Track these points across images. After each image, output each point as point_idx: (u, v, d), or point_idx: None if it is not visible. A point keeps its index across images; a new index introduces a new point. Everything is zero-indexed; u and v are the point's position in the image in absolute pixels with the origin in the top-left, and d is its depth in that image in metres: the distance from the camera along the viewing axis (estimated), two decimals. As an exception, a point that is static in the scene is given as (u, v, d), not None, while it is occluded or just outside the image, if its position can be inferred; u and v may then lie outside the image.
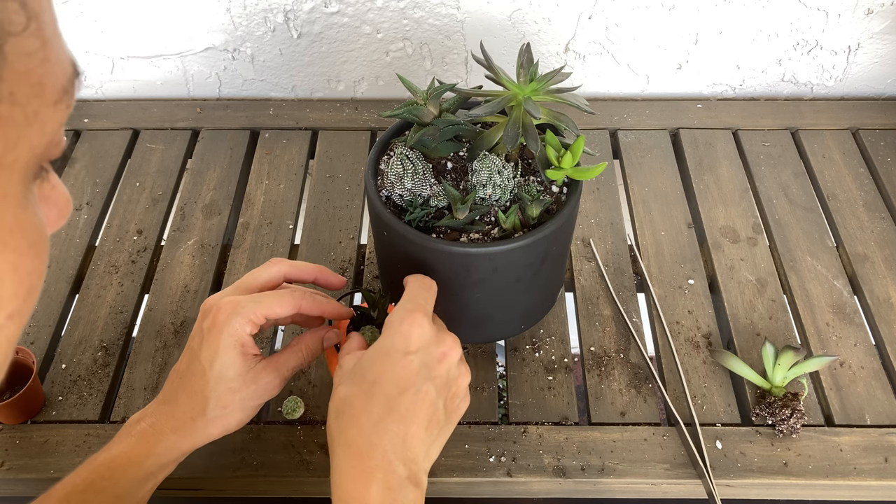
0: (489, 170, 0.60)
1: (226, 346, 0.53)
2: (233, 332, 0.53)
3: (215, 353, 0.53)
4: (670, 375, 0.70)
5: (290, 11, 0.90)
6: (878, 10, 0.89)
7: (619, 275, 0.78)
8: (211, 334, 0.53)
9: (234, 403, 0.53)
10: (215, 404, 0.53)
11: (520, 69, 0.59)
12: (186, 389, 0.53)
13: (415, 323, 0.49)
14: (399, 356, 0.48)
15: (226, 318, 0.53)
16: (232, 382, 0.53)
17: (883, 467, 0.63)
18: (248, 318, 0.53)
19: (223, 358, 0.53)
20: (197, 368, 0.53)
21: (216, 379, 0.53)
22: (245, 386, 0.53)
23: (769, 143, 0.91)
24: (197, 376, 0.53)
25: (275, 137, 0.94)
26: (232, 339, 0.53)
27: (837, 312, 0.74)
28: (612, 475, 0.63)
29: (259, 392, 0.54)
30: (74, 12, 0.91)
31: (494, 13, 0.90)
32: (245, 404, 0.54)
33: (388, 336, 0.50)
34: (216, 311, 0.54)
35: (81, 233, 0.82)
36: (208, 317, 0.54)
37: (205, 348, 0.53)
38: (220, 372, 0.53)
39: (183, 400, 0.53)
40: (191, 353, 0.55)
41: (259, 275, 0.57)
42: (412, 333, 0.49)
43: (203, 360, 0.53)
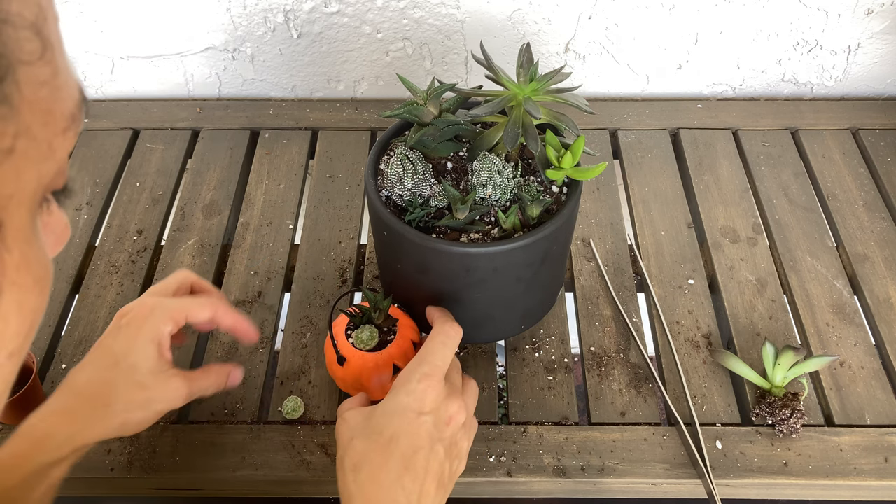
0: (489, 170, 0.60)
1: (144, 339, 0.53)
2: (153, 327, 0.53)
3: (132, 345, 0.53)
4: (670, 375, 0.70)
5: (290, 11, 0.90)
6: (878, 10, 0.89)
7: (619, 275, 0.78)
8: (130, 328, 0.54)
9: (140, 402, 0.53)
10: (121, 397, 0.52)
11: (520, 69, 0.59)
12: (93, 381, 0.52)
13: (430, 387, 0.51)
14: (414, 416, 0.50)
15: (147, 313, 0.54)
16: (144, 378, 0.53)
17: (883, 467, 0.63)
18: (170, 315, 0.54)
19: (139, 350, 0.53)
20: (108, 360, 0.53)
21: (128, 370, 0.52)
22: (155, 385, 0.53)
23: (769, 143, 0.91)
24: (106, 367, 0.52)
25: (275, 137, 0.94)
26: (151, 334, 0.53)
27: (837, 312, 0.74)
28: (612, 475, 0.63)
29: (167, 396, 0.54)
30: (74, 12, 0.91)
31: (494, 13, 0.90)
32: (150, 405, 0.53)
33: (405, 394, 0.51)
34: (137, 307, 0.55)
35: (81, 233, 0.82)
36: (126, 315, 0.55)
37: (120, 340, 0.53)
38: (134, 364, 0.52)
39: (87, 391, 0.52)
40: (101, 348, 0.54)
41: (168, 283, 0.59)
42: (427, 395, 0.50)
43: (117, 352, 0.53)
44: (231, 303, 0.74)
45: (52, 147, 0.24)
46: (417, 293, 0.66)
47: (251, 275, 0.78)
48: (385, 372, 0.62)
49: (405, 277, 0.65)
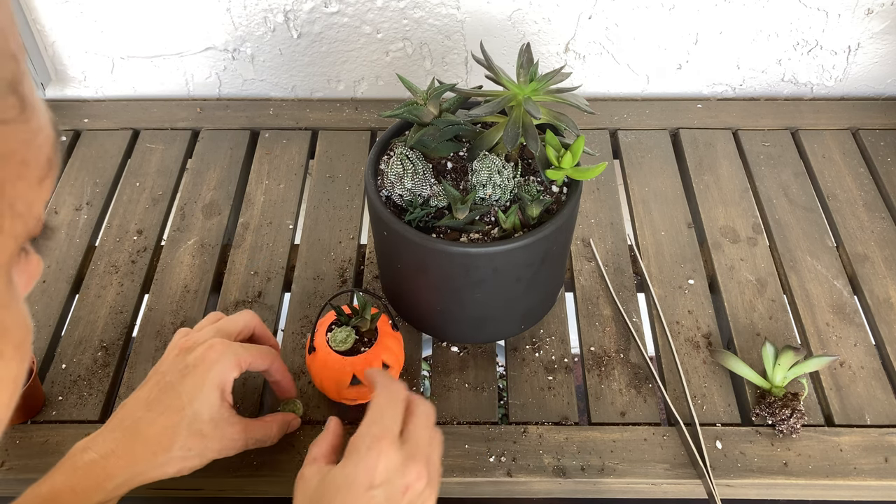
0: (489, 170, 0.60)
1: (210, 386, 0.52)
2: (220, 372, 0.52)
3: (199, 390, 0.51)
4: (670, 375, 0.70)
5: (290, 11, 0.90)
6: (878, 10, 0.89)
7: (619, 275, 0.78)
8: (198, 370, 0.52)
9: (199, 449, 0.52)
10: (183, 444, 0.51)
11: (520, 69, 0.59)
12: (156, 422, 0.51)
13: (381, 453, 0.46)
14: (362, 490, 0.45)
15: (217, 357, 0.52)
16: (205, 425, 0.52)
17: (883, 467, 0.63)
18: (238, 362, 0.53)
19: (205, 398, 0.51)
20: (174, 402, 0.51)
21: (192, 417, 0.51)
22: (213, 433, 0.52)
23: (769, 143, 0.91)
24: (173, 410, 0.51)
25: (275, 137, 0.94)
26: (218, 379, 0.52)
27: (837, 312, 0.74)
28: (612, 475, 0.63)
29: (222, 445, 0.53)
30: (74, 12, 0.91)
31: (494, 13, 0.90)
32: (206, 453, 0.52)
33: (353, 464, 0.46)
34: (207, 348, 0.53)
35: (81, 233, 0.82)
36: (194, 352, 0.53)
37: (188, 383, 0.51)
38: (198, 411, 0.51)
39: (150, 433, 0.50)
40: (166, 384, 0.52)
41: (236, 321, 0.59)
42: (378, 465, 0.45)
43: (183, 395, 0.51)
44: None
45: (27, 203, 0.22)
46: (417, 293, 0.66)
47: (251, 275, 0.78)
48: (344, 377, 0.62)
49: (405, 277, 0.65)
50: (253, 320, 0.60)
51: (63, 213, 0.85)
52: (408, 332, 0.72)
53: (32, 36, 0.92)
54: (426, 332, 0.72)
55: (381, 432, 0.47)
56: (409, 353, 0.70)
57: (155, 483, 0.64)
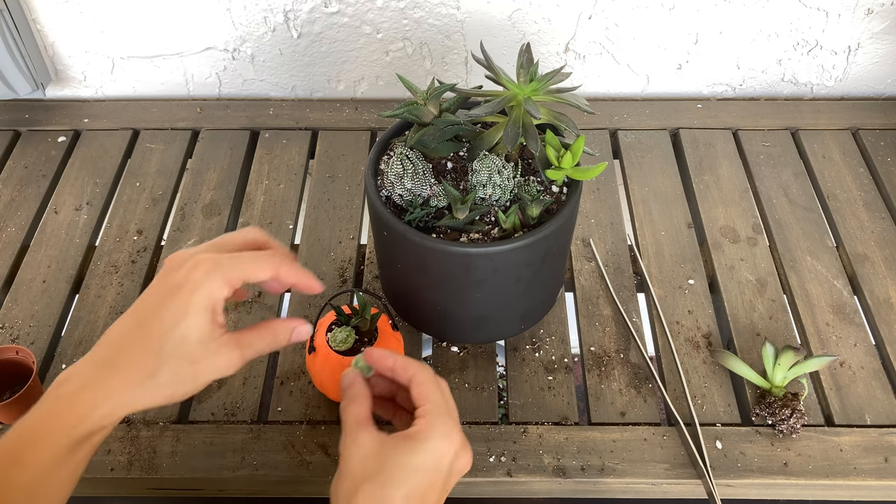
0: (489, 170, 0.60)
1: (197, 306, 0.47)
2: (207, 293, 0.47)
3: (183, 313, 0.47)
4: (670, 375, 0.70)
5: (290, 11, 0.90)
6: (878, 10, 0.89)
7: (619, 275, 0.78)
8: (182, 291, 0.47)
9: (189, 374, 0.48)
10: (169, 370, 0.47)
11: (520, 69, 0.59)
12: (137, 349, 0.47)
13: (454, 443, 0.48)
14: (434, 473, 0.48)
15: (203, 276, 0.48)
16: (193, 349, 0.48)
17: (883, 467, 0.63)
18: (227, 278, 0.48)
19: (191, 319, 0.47)
20: (155, 327, 0.47)
21: (177, 341, 0.47)
22: (204, 357, 0.48)
23: (769, 143, 0.91)
24: (154, 335, 0.47)
25: (275, 137, 0.94)
26: (205, 301, 0.47)
27: (837, 312, 0.74)
28: (612, 475, 0.63)
29: (216, 368, 0.49)
30: (74, 12, 0.91)
31: (494, 13, 0.90)
32: (198, 378, 0.48)
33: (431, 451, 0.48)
34: (191, 266, 0.48)
35: (81, 233, 0.82)
36: (178, 271, 0.48)
37: (170, 305, 0.47)
38: (184, 335, 0.47)
39: (130, 360, 0.47)
40: (147, 308, 0.48)
41: (233, 237, 0.53)
42: (450, 453, 0.48)
43: (165, 319, 0.47)
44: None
45: None
46: (417, 293, 0.66)
47: (251, 275, 0.78)
48: None
49: (405, 277, 0.65)
50: (257, 237, 0.54)
51: (63, 213, 0.85)
52: (408, 332, 0.72)
53: (32, 36, 0.92)
54: (426, 332, 0.72)
55: (452, 420, 0.49)
56: (409, 353, 0.70)
57: (155, 483, 0.64)
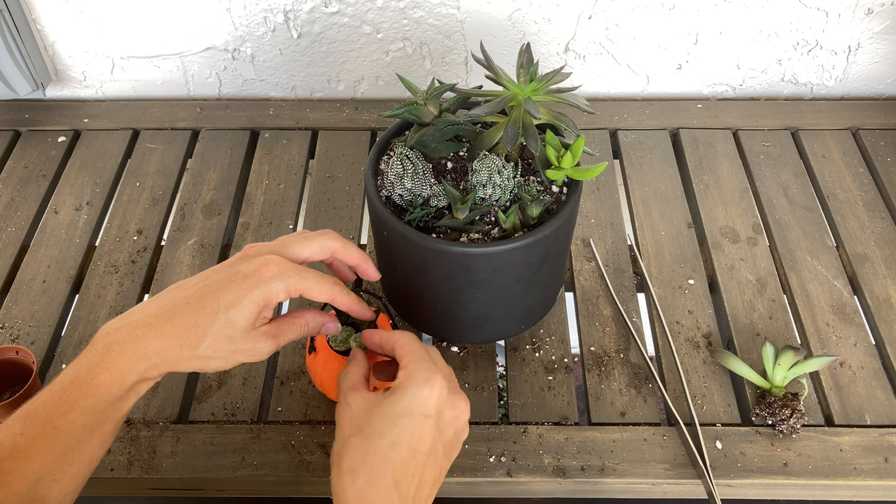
0: (489, 170, 0.60)
1: (252, 300, 0.51)
2: (266, 292, 0.51)
3: (239, 301, 0.51)
4: (670, 375, 0.70)
5: (290, 11, 0.90)
6: (878, 10, 0.89)
7: (619, 275, 0.78)
8: (246, 282, 0.52)
9: (225, 352, 0.52)
10: (209, 345, 0.51)
11: (520, 69, 0.59)
12: (189, 319, 0.51)
13: (436, 386, 0.50)
14: (419, 419, 0.49)
15: (269, 278, 0.52)
16: (235, 333, 0.52)
17: (883, 467, 0.63)
18: (288, 287, 0.52)
19: (243, 308, 0.51)
20: (211, 304, 0.51)
21: (224, 323, 0.51)
22: (243, 342, 0.52)
23: (769, 143, 0.91)
24: (208, 311, 0.51)
25: (275, 137, 0.94)
26: (262, 298, 0.51)
27: (837, 312, 0.74)
28: (612, 475, 0.63)
29: (251, 352, 0.53)
30: (74, 12, 0.91)
31: (494, 13, 0.90)
32: (233, 357, 0.52)
33: (412, 397, 0.50)
34: (262, 263, 0.52)
35: (81, 233, 0.82)
36: (250, 263, 0.53)
37: (231, 290, 0.51)
38: (232, 319, 0.51)
39: (181, 325, 0.51)
40: (209, 287, 0.52)
41: (310, 244, 0.56)
42: (433, 397, 0.50)
43: (222, 300, 0.51)
44: None
45: None
46: (417, 293, 0.66)
47: (251, 275, 0.78)
48: None
49: (405, 277, 0.65)
50: (332, 243, 0.57)
51: (63, 213, 0.85)
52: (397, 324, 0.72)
53: (32, 36, 0.92)
54: (426, 332, 0.72)
55: (433, 367, 0.51)
56: (409, 353, 0.70)
57: (155, 483, 0.64)
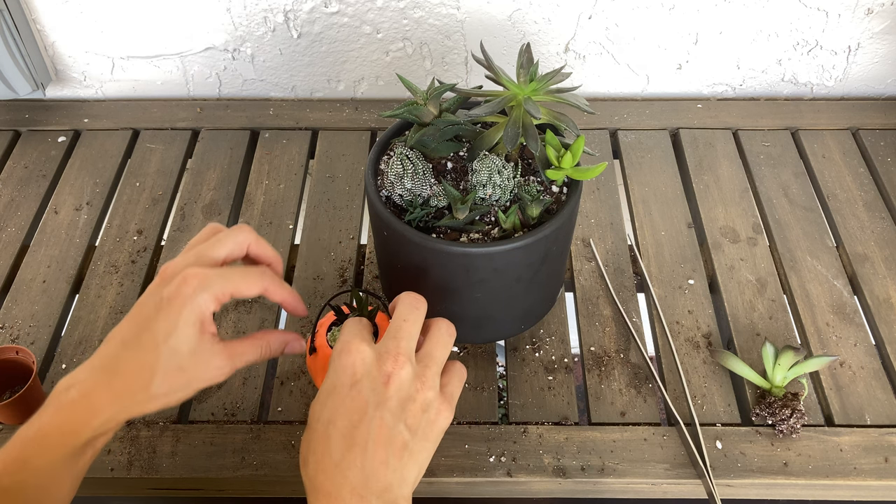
0: (489, 170, 0.60)
1: (186, 321, 0.49)
2: (196, 308, 0.49)
3: (173, 327, 0.49)
4: (670, 375, 0.70)
5: (290, 11, 0.90)
6: (878, 10, 0.89)
7: (619, 275, 0.78)
8: (172, 305, 0.49)
9: (180, 384, 0.50)
10: (161, 381, 0.49)
11: (520, 69, 0.59)
12: (133, 361, 0.49)
13: (352, 352, 0.48)
14: (346, 389, 0.47)
15: (192, 293, 0.49)
16: (184, 360, 0.50)
17: (883, 467, 0.63)
18: (215, 295, 0.50)
19: (181, 333, 0.49)
20: (148, 340, 0.49)
21: (168, 354, 0.49)
22: (195, 366, 0.50)
23: (769, 143, 0.91)
24: (147, 349, 0.49)
25: (275, 137, 0.94)
26: (194, 315, 0.49)
27: (837, 312, 0.74)
28: (612, 475, 0.63)
29: (207, 376, 0.51)
30: (74, 12, 0.91)
31: (494, 13, 0.90)
32: (190, 385, 0.51)
33: (332, 371, 0.48)
34: (181, 281, 0.50)
35: (81, 233, 0.82)
36: (169, 285, 0.50)
37: (161, 319, 0.49)
38: (175, 347, 0.49)
39: (126, 371, 0.49)
40: (142, 320, 0.50)
41: (223, 244, 0.54)
42: (353, 362, 0.48)
43: (157, 332, 0.49)
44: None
45: None
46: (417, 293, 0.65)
47: (251, 275, 0.78)
48: None
49: (405, 277, 0.65)
50: (245, 237, 0.55)
51: (63, 213, 0.85)
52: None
53: (32, 36, 0.92)
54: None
55: (348, 336, 0.50)
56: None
57: (155, 483, 0.64)
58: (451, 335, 0.53)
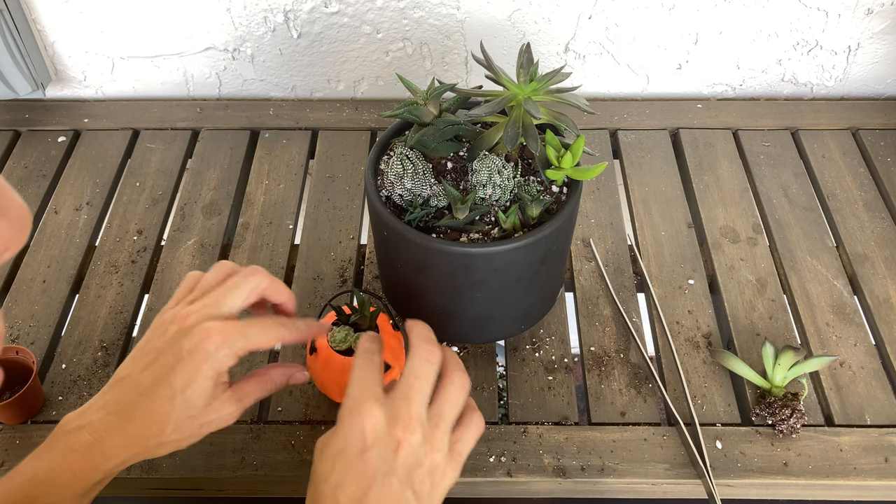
0: (489, 170, 0.60)
1: (205, 375, 0.50)
2: (216, 364, 0.50)
3: (192, 381, 0.50)
4: (670, 375, 0.70)
5: (290, 11, 0.90)
6: (878, 10, 0.89)
7: (619, 275, 0.78)
8: (192, 359, 0.50)
9: (191, 431, 0.51)
10: (174, 430, 0.50)
11: (520, 69, 0.59)
12: (148, 409, 0.50)
13: (363, 414, 0.47)
14: (355, 454, 0.46)
15: (214, 350, 0.50)
16: (196, 410, 0.51)
17: (883, 467, 0.63)
18: (235, 352, 0.51)
19: (197, 387, 0.50)
20: (166, 390, 0.50)
21: (183, 406, 0.50)
22: (206, 414, 0.51)
23: (769, 143, 0.91)
24: (164, 398, 0.50)
25: (275, 137, 0.94)
26: (213, 371, 0.50)
27: (837, 312, 0.74)
28: (612, 475, 0.63)
29: (217, 421, 0.52)
30: (74, 12, 0.91)
31: (494, 13, 0.90)
32: (200, 430, 0.52)
33: (343, 432, 0.47)
34: (203, 336, 0.51)
35: (81, 233, 0.82)
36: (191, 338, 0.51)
37: (181, 371, 0.50)
38: (190, 399, 0.50)
39: (142, 419, 0.50)
40: (159, 369, 0.51)
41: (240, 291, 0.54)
42: (365, 427, 0.46)
43: (175, 384, 0.50)
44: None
45: None
46: (417, 293, 0.66)
47: (251, 275, 0.78)
48: (345, 378, 0.61)
49: (405, 277, 0.65)
50: (259, 282, 0.55)
51: (63, 213, 0.85)
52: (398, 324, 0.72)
53: (32, 36, 0.92)
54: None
55: (361, 396, 0.48)
56: (409, 353, 0.70)
57: (155, 483, 0.64)
58: (464, 389, 0.51)
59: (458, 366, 0.52)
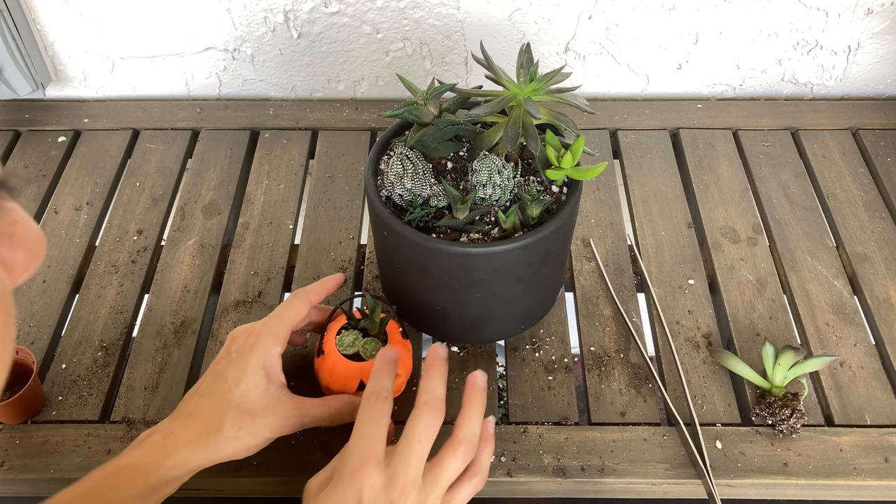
0: (489, 170, 0.60)
1: (253, 366, 0.56)
2: (261, 353, 0.56)
3: (242, 373, 0.55)
4: (670, 375, 0.70)
5: (290, 11, 0.90)
6: (878, 10, 0.89)
7: (619, 275, 0.78)
8: (240, 356, 0.56)
9: (250, 428, 0.55)
10: (232, 424, 0.54)
11: (520, 69, 0.59)
12: (206, 406, 0.55)
13: (364, 477, 0.47)
14: None
15: (255, 340, 0.57)
16: (253, 405, 0.55)
17: (883, 467, 0.63)
18: (275, 336, 0.57)
19: (249, 378, 0.55)
20: (221, 387, 0.55)
21: (239, 398, 0.55)
22: (264, 412, 0.55)
23: (769, 143, 0.91)
24: (220, 394, 0.55)
25: (275, 137, 0.94)
26: (260, 360, 0.56)
27: (837, 312, 0.74)
28: (612, 475, 0.63)
29: (275, 424, 0.56)
30: (74, 12, 0.91)
31: (494, 13, 0.90)
32: (259, 432, 0.55)
33: (342, 486, 0.47)
34: (246, 335, 0.58)
35: (81, 233, 0.82)
36: (237, 341, 0.58)
37: (232, 368, 0.56)
38: (245, 392, 0.55)
39: (201, 415, 0.55)
40: (215, 374, 0.57)
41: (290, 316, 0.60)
42: (363, 490, 0.47)
43: (229, 379, 0.56)
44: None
45: None
46: (417, 293, 0.66)
47: (251, 275, 0.78)
48: (351, 383, 0.62)
49: (405, 277, 0.65)
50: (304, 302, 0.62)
51: (63, 213, 0.85)
52: (408, 332, 0.72)
53: (32, 36, 0.92)
54: (426, 332, 0.72)
55: (364, 456, 0.48)
56: (409, 353, 0.70)
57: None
58: (464, 461, 0.52)
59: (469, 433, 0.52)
